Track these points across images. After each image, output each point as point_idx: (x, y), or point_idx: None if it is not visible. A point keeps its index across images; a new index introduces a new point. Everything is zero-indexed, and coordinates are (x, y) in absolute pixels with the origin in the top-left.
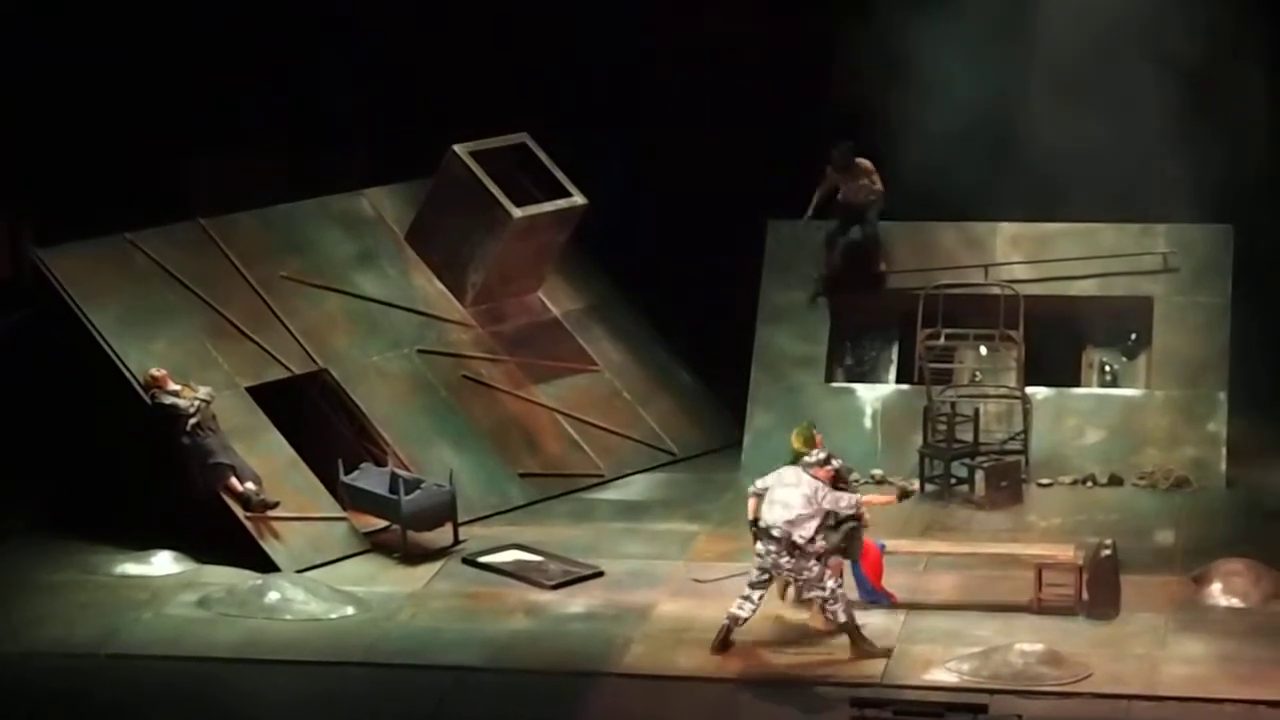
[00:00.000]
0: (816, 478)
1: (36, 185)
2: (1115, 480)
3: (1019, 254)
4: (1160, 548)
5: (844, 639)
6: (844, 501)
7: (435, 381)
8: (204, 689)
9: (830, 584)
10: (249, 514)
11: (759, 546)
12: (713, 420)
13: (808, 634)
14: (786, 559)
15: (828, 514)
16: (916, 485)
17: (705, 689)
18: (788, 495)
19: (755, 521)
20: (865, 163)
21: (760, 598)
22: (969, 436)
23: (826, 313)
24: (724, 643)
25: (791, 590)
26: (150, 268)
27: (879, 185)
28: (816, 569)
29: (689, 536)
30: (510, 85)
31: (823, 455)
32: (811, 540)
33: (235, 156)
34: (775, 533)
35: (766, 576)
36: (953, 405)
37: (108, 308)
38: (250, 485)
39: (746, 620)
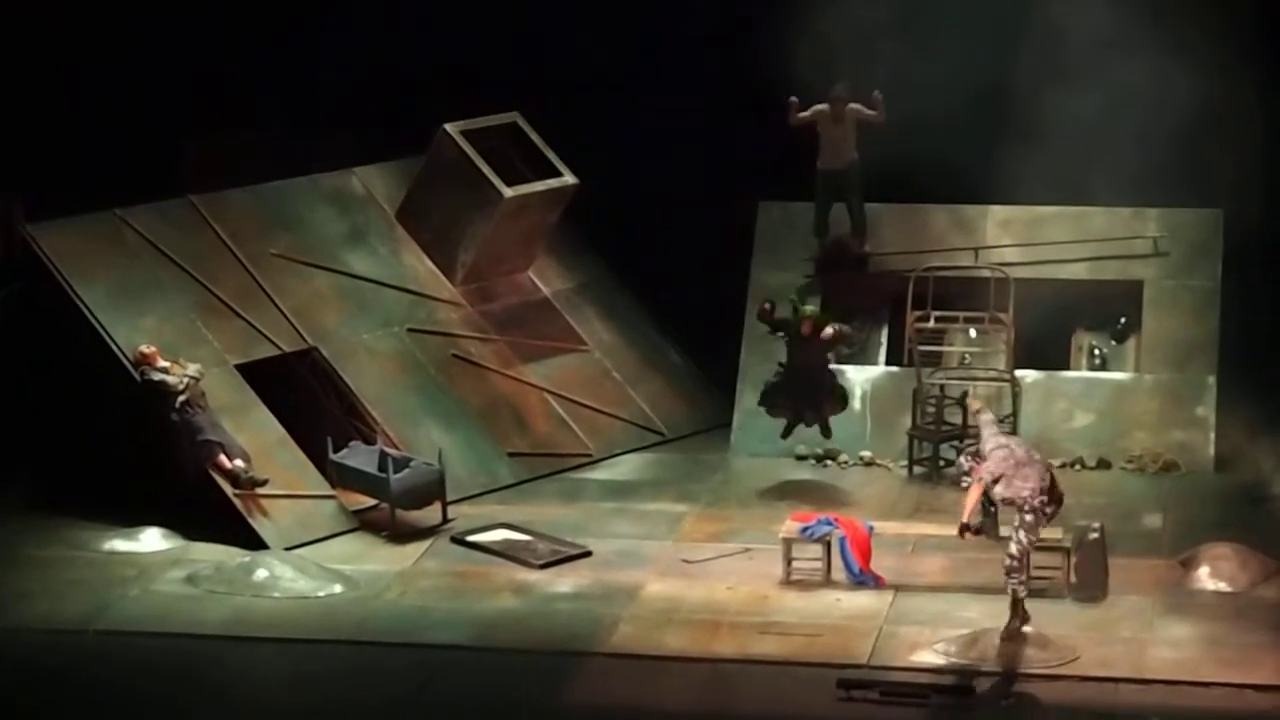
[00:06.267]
0: None
1: (27, 161)
2: (1104, 464)
3: (1009, 237)
4: (1148, 531)
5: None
6: None
7: (425, 360)
8: (192, 666)
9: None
10: (237, 491)
11: None
12: (702, 400)
13: (795, 615)
14: None
15: None
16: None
17: (692, 669)
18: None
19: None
20: (856, 108)
21: None
22: (958, 419)
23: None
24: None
25: None
26: (140, 244)
27: (855, 152)
28: None
29: (677, 517)
30: (502, 64)
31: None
32: None
33: (227, 133)
34: None
35: None
36: (942, 388)
37: (97, 284)
38: (239, 463)
39: None
